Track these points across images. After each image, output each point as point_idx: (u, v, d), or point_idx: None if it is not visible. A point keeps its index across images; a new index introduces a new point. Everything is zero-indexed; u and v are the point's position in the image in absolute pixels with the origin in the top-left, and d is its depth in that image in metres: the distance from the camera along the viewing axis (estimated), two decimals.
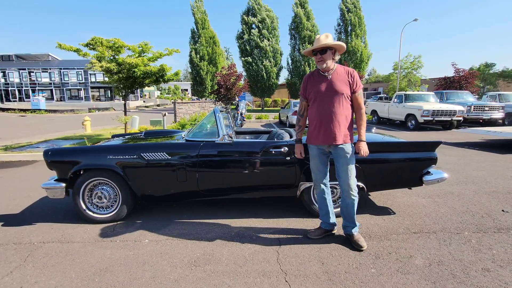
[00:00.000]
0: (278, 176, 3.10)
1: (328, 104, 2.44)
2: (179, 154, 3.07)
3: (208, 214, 3.34)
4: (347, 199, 2.55)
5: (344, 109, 2.44)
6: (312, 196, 3.17)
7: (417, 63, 35.33)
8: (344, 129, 2.44)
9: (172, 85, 73.22)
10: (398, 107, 13.32)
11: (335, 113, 2.42)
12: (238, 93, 18.39)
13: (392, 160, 3.11)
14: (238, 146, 3.12)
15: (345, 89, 2.43)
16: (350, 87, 2.45)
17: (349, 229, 2.63)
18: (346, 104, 2.45)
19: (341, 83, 2.44)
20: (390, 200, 3.73)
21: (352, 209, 2.57)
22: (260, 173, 3.08)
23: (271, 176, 3.10)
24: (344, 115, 2.44)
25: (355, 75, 2.49)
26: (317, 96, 2.49)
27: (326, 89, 2.45)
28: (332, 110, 2.42)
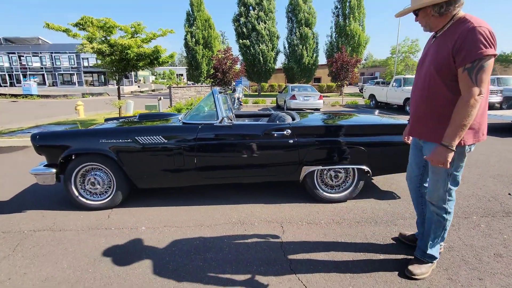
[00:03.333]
0: (280, 160, 2.96)
1: (421, 81, 1.74)
2: (176, 137, 2.90)
3: (208, 200, 3.21)
4: (428, 212, 1.93)
5: (436, 92, 1.63)
6: (315, 180, 3.05)
7: (414, 46, 35.00)
8: (432, 120, 1.68)
9: (167, 70, 71.93)
10: (397, 91, 13.15)
11: (423, 96, 1.71)
12: (234, 77, 18.00)
13: (397, 143, 2.98)
14: (238, 129, 2.96)
15: (442, 61, 1.57)
16: (453, 56, 1.52)
17: (418, 252, 2.00)
18: (441, 85, 1.60)
19: (441, 50, 1.58)
20: (394, 185, 3.63)
21: (430, 228, 1.90)
22: (261, 157, 2.94)
23: (272, 160, 2.96)
24: (435, 99, 1.65)
25: (466, 37, 1.48)
26: (417, 67, 1.86)
27: (423, 59, 1.78)
28: (421, 90, 1.72)
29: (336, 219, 2.73)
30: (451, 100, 1.58)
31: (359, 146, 2.93)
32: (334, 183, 3.09)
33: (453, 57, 1.53)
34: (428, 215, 1.93)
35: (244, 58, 27.73)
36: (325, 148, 2.93)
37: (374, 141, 2.96)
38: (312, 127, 2.98)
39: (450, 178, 1.74)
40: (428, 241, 1.92)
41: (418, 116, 1.79)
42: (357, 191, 3.09)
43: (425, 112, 1.73)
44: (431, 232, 1.90)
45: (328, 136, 2.95)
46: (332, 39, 28.87)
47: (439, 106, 1.65)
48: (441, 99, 1.63)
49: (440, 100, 1.64)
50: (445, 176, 1.73)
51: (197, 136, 2.88)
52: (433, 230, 1.88)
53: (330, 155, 2.95)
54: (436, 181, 1.78)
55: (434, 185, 1.79)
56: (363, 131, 2.96)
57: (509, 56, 35.20)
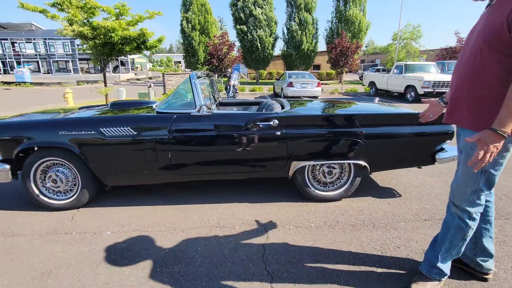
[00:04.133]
0: (266, 154, 2.61)
1: (465, 58, 1.41)
2: (147, 129, 2.54)
3: (186, 198, 2.88)
4: (448, 214, 1.58)
5: (484, 69, 1.31)
6: (306, 177, 2.71)
7: (416, 32, 34.13)
8: (475, 103, 1.36)
9: (165, 57, 70.62)
10: (398, 78, 12.69)
11: (467, 75, 1.38)
12: (231, 64, 17.44)
13: (400, 135, 2.62)
14: (218, 119, 2.60)
15: (493, 31, 1.26)
16: (508, 25, 1.20)
17: (424, 265, 1.65)
18: (491, 60, 1.28)
19: (494, 19, 1.27)
20: (394, 180, 3.30)
21: (447, 234, 1.55)
22: (244, 151, 2.59)
23: (257, 154, 2.61)
24: (481, 78, 1.32)
25: None
26: (463, 46, 1.50)
27: (471, 34, 1.44)
28: (465, 68, 1.39)
29: (328, 222, 2.40)
30: (502, 79, 1.25)
31: (356, 138, 2.58)
32: (328, 180, 2.75)
33: (509, 26, 1.19)
34: (447, 217, 1.58)
35: (242, 44, 27.04)
36: (317, 141, 2.58)
37: (374, 133, 2.61)
38: (302, 117, 2.62)
39: (483, 177, 1.40)
40: (441, 251, 1.56)
41: (458, 99, 1.43)
42: (353, 189, 2.76)
43: (468, 94, 1.38)
44: (446, 240, 1.55)
45: (321, 127, 2.59)
46: (332, 24, 28.07)
47: (485, 86, 1.32)
48: (489, 78, 1.30)
49: (487, 79, 1.31)
50: (478, 172, 1.39)
51: (171, 127, 2.52)
52: (449, 237, 1.54)
53: (323, 149, 2.60)
54: (465, 175, 1.44)
55: (462, 180, 1.46)
56: (361, 122, 2.60)
57: None
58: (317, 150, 2.60)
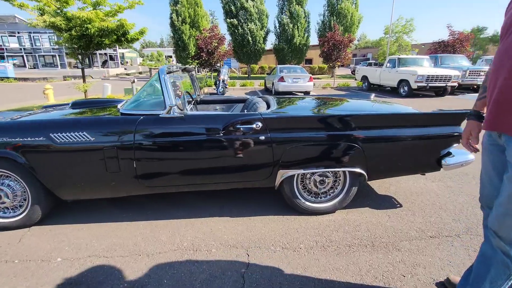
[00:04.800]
0: (249, 161, 2.24)
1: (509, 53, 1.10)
2: (107, 134, 2.14)
3: (158, 213, 2.51)
4: (486, 247, 1.24)
5: None
6: (295, 187, 2.37)
7: (408, 26, 33.96)
8: None
9: (156, 52, 69.28)
10: (391, 72, 12.42)
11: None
12: (221, 58, 16.91)
13: (402, 138, 2.29)
14: (192, 121, 2.22)
15: None
16: None
17: None
18: None
19: None
20: (393, 186, 2.99)
21: (486, 272, 1.21)
22: (224, 158, 2.22)
23: (239, 161, 2.24)
24: None
25: None
26: (502, 31, 1.18)
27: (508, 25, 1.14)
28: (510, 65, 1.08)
29: (320, 241, 2.07)
30: None
31: (352, 142, 2.23)
32: (320, 190, 2.41)
33: None
34: (485, 251, 1.23)
35: (233, 38, 26.47)
36: (308, 146, 2.23)
37: (372, 136, 2.26)
38: (290, 119, 2.25)
39: None
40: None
41: (502, 101, 1.10)
42: (349, 200, 2.43)
43: None
44: (485, 280, 1.21)
45: (312, 130, 2.24)
46: (324, 18, 27.67)
47: None
48: None
49: None
50: None
51: (135, 132, 2.13)
52: (490, 277, 1.19)
53: (314, 155, 2.25)
54: None
55: (508, 204, 1.10)
56: (357, 123, 2.25)
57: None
58: (307, 156, 2.25)
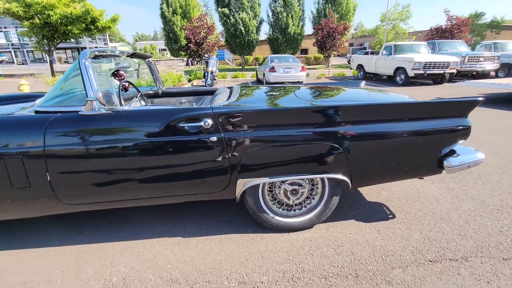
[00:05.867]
0: (199, 169, 1.76)
1: None
2: (9, 138, 1.65)
3: (93, 233, 2.03)
4: None
5: None
6: (261, 199, 1.89)
7: (405, 13, 33.21)
8: None
9: (148, 45, 68.07)
10: (387, 60, 11.88)
11: None
12: (211, 48, 16.24)
13: (394, 135, 1.80)
14: (123, 119, 1.72)
15: None
16: None
17: None
18: None
19: None
20: (385, 190, 2.52)
21: None
22: (166, 167, 1.74)
23: (185, 170, 1.75)
24: None
25: None
26: None
27: None
28: None
29: (290, 272, 1.60)
30: None
31: (331, 141, 1.75)
32: (293, 202, 1.94)
33: None
34: None
35: (225, 28, 25.72)
36: (274, 148, 1.74)
37: (356, 133, 1.77)
38: (249, 113, 1.75)
39: None
40: None
41: None
42: (329, 212, 1.96)
43: None
44: None
45: (279, 127, 1.74)
46: (319, 6, 26.92)
47: None
48: None
49: None
50: None
51: (45, 135, 1.63)
52: None
53: (282, 159, 1.77)
54: None
55: None
56: (337, 117, 1.76)
57: (501, 22, 33.90)
58: (274, 160, 1.77)
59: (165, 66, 14.45)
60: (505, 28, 33.25)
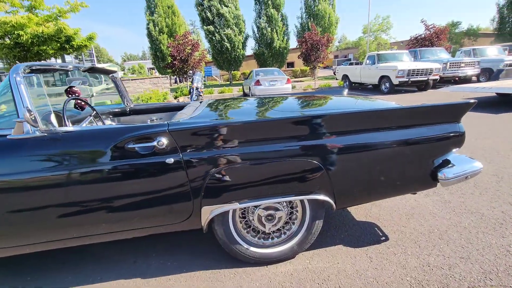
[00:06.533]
0: (154, 197, 1.48)
1: None
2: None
3: (36, 278, 1.71)
4: None
5: None
6: (232, 228, 1.62)
7: (386, 24, 34.29)
8: None
9: (136, 64, 68.19)
10: (371, 69, 11.97)
11: None
12: (196, 65, 16.16)
13: (381, 145, 1.58)
14: (61, 142, 1.44)
15: None
16: None
17: None
18: None
19: None
20: (375, 206, 2.28)
21: None
22: (113, 196, 1.46)
23: (139, 198, 1.48)
24: None
25: None
26: None
27: None
28: None
29: None
30: None
31: (310, 158, 1.51)
32: (269, 229, 1.67)
33: None
34: None
35: (211, 45, 25.94)
36: (243, 168, 1.49)
37: (339, 146, 1.54)
38: (210, 129, 1.49)
39: None
40: None
41: None
42: (312, 238, 1.70)
43: None
44: None
45: (245, 142, 1.49)
46: (303, 20, 27.58)
47: None
48: None
49: None
50: None
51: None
52: None
53: (253, 180, 1.52)
54: None
55: None
56: (316, 129, 1.52)
57: (477, 30, 35.27)
58: (244, 182, 1.51)
59: (150, 84, 14.23)
60: (481, 35, 34.58)
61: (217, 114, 1.88)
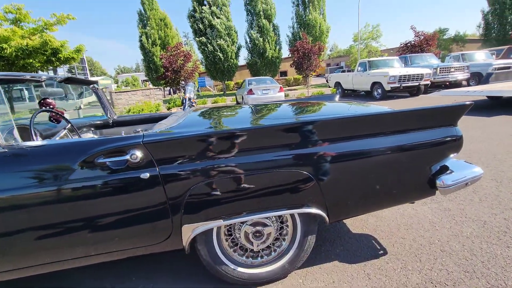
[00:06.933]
0: (130, 216, 1.35)
1: None
2: None
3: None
4: None
5: None
6: (217, 247, 1.48)
7: (375, 32, 34.92)
8: None
9: (130, 77, 68.31)
10: (363, 76, 12.04)
11: None
12: (188, 75, 16.12)
13: (375, 152, 1.47)
14: (24, 158, 1.31)
15: None
16: None
17: None
18: None
19: None
20: (372, 216, 2.16)
21: None
22: (85, 218, 1.32)
23: (112, 218, 1.34)
24: None
25: None
26: None
27: None
28: None
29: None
30: None
31: (300, 168, 1.39)
32: (257, 247, 1.54)
33: None
34: None
35: (204, 56, 26.08)
36: (226, 181, 1.36)
37: (330, 154, 1.43)
38: (188, 140, 1.37)
39: None
40: None
41: None
42: (305, 255, 1.57)
43: None
44: None
45: (227, 153, 1.37)
46: (294, 30, 27.94)
47: None
48: None
49: None
50: None
51: None
52: None
53: (238, 194, 1.39)
54: None
55: None
56: (305, 136, 1.41)
57: (464, 36, 36.09)
58: (228, 196, 1.38)
59: (142, 96, 14.12)
60: (469, 41, 35.37)
61: (200, 123, 1.76)
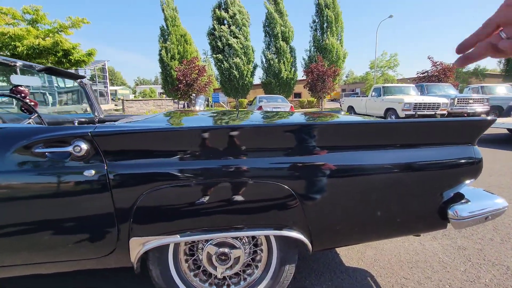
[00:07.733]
0: (66, 218, 1.12)
1: None
2: None
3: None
4: None
5: None
6: (172, 268, 1.22)
7: (393, 61, 34.95)
8: None
9: (148, 88, 70.39)
10: (376, 102, 11.78)
11: None
12: (201, 89, 16.28)
13: (376, 169, 1.21)
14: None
15: None
16: None
17: None
18: None
19: None
20: (370, 247, 1.84)
21: None
22: (12, 215, 1.10)
23: (46, 224, 1.11)
24: None
25: None
26: None
27: None
28: None
29: None
30: None
31: (279, 181, 1.14)
32: (222, 274, 1.26)
33: None
34: None
35: (220, 72, 26.67)
36: (187, 188, 1.13)
37: (317, 164, 1.17)
38: (146, 134, 1.14)
39: None
40: None
41: None
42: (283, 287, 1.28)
43: None
44: None
45: (193, 155, 1.14)
46: (311, 53, 28.28)
47: None
48: None
49: None
50: None
51: None
52: None
53: (203, 205, 1.14)
54: None
55: None
56: (291, 141, 1.18)
57: (484, 70, 35.62)
58: (189, 207, 1.14)
59: (154, 106, 14.28)
60: (489, 75, 34.84)
61: (169, 120, 1.55)
